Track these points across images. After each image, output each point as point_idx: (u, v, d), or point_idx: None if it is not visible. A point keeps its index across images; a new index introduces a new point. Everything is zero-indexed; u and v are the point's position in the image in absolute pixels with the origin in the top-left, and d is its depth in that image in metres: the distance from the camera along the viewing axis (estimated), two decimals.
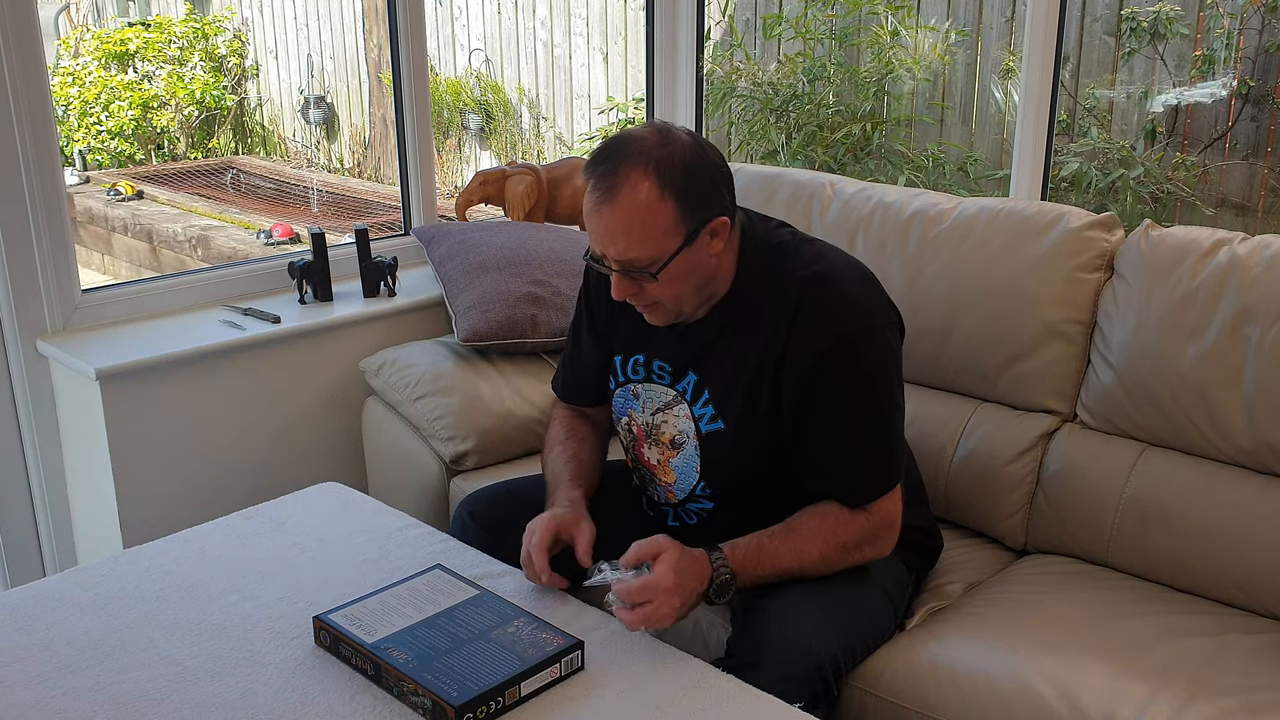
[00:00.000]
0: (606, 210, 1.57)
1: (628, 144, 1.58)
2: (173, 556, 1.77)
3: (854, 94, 4.51)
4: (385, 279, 2.72)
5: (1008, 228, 2.14)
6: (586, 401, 1.93)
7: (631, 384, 1.81)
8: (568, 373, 1.96)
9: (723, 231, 1.63)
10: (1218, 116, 4.08)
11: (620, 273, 1.62)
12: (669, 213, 1.56)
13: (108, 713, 1.40)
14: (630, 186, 1.55)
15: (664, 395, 1.77)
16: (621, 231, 1.57)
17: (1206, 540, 1.88)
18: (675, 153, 1.57)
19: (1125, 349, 1.99)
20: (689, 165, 1.57)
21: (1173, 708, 1.56)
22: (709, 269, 1.65)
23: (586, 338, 1.90)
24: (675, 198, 1.56)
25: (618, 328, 1.84)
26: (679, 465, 1.78)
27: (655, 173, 1.55)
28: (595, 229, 1.60)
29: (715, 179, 1.62)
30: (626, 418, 1.83)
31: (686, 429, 1.75)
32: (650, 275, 1.60)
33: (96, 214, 6.54)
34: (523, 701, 1.41)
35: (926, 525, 1.95)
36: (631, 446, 1.85)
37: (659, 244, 1.58)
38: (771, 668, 1.54)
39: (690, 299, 1.67)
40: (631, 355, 1.80)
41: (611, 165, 1.57)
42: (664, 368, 1.77)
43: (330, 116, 7.18)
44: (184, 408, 2.42)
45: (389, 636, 1.48)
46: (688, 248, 1.59)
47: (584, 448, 1.88)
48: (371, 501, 1.98)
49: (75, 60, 7.12)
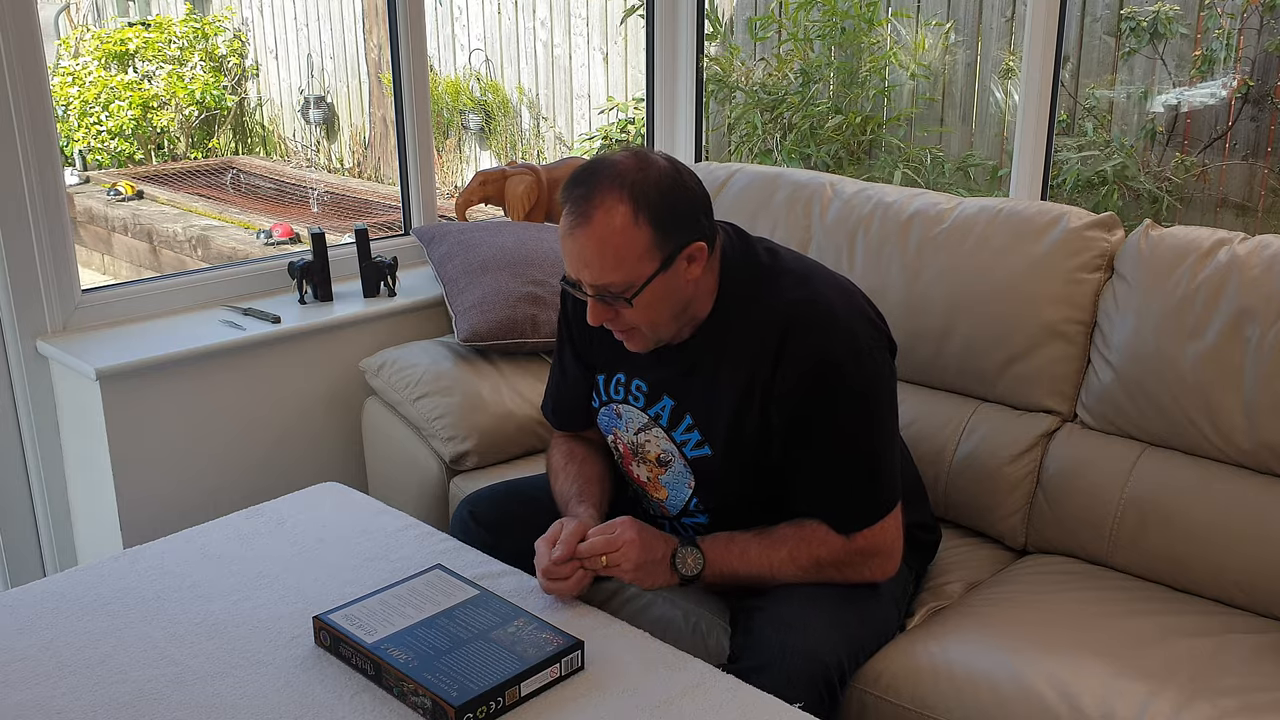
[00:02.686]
0: (581, 234, 1.56)
1: (603, 169, 1.57)
2: (173, 556, 1.77)
3: (850, 93, 4.52)
4: (385, 279, 2.72)
5: (1008, 228, 2.14)
6: (579, 426, 1.92)
7: (613, 403, 1.80)
8: (556, 400, 1.94)
9: (700, 256, 1.62)
10: (1218, 116, 4.08)
11: (595, 298, 1.61)
12: (644, 238, 1.55)
13: (108, 713, 1.40)
14: (605, 211, 1.54)
15: (641, 417, 1.77)
16: (596, 256, 1.56)
17: (1206, 540, 1.88)
18: (650, 177, 1.56)
19: (1125, 349, 1.99)
20: (664, 190, 1.56)
21: (1173, 708, 1.56)
22: (686, 294, 1.64)
23: (570, 361, 1.89)
24: (651, 223, 1.55)
25: (598, 348, 1.82)
26: (669, 481, 1.78)
27: (630, 197, 1.54)
28: (570, 253, 1.59)
29: (692, 203, 1.60)
30: (612, 436, 1.83)
31: (670, 449, 1.75)
32: (625, 301, 1.59)
33: (96, 214, 6.54)
34: (523, 701, 1.41)
35: (926, 521, 1.95)
36: (621, 464, 1.85)
37: (634, 269, 1.56)
38: (777, 673, 1.54)
39: (667, 325, 1.66)
40: (614, 374, 1.80)
41: (586, 189, 1.56)
42: (640, 388, 1.76)
43: (330, 116, 7.18)
44: (184, 408, 2.42)
45: (389, 636, 1.48)
46: (663, 273, 1.58)
47: (586, 466, 1.87)
48: (371, 501, 1.98)
49: (75, 60, 7.12)
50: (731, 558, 1.67)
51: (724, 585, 1.71)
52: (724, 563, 1.67)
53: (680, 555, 1.65)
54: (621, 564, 1.62)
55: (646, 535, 1.65)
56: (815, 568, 1.67)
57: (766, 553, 1.67)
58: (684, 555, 1.65)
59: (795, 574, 1.66)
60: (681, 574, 1.66)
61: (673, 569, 1.65)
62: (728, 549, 1.67)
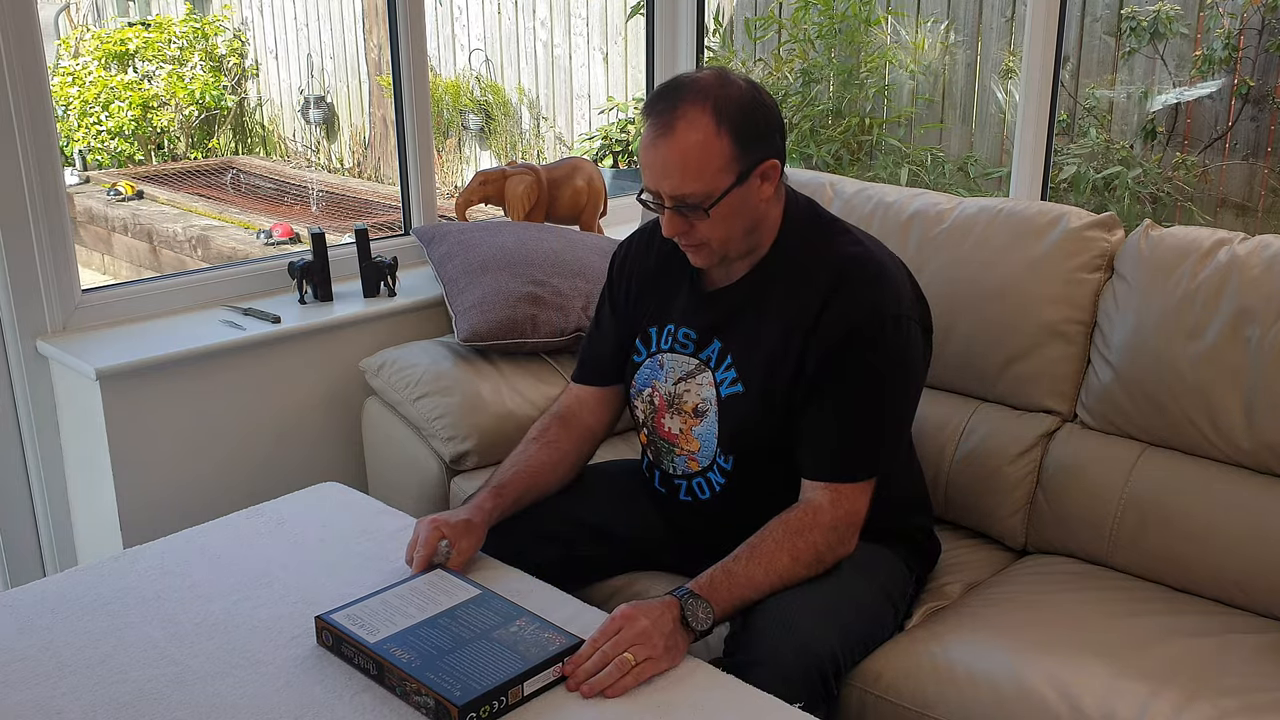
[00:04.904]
0: (664, 144, 1.60)
1: (686, 83, 1.63)
2: (173, 556, 1.77)
3: (850, 94, 4.52)
4: (385, 279, 2.72)
5: (1008, 228, 2.14)
6: (598, 380, 1.94)
7: (661, 354, 1.82)
8: (584, 352, 1.98)
9: (774, 175, 1.67)
10: (1218, 116, 4.08)
11: (673, 209, 1.64)
12: (724, 149, 1.60)
13: (108, 713, 1.40)
14: (688, 122, 1.59)
15: (687, 364, 1.79)
16: (678, 166, 1.61)
17: (1206, 540, 1.88)
18: (732, 93, 1.61)
19: (1125, 349, 1.99)
20: (744, 106, 1.62)
21: (1173, 708, 1.56)
22: (758, 213, 1.68)
23: (607, 317, 1.93)
24: (731, 135, 1.60)
25: (643, 303, 1.86)
26: (701, 433, 1.79)
27: (713, 110, 1.59)
28: (651, 164, 1.63)
29: (770, 122, 1.66)
30: (650, 389, 1.84)
31: (709, 396, 1.77)
32: (703, 211, 1.62)
33: (96, 214, 6.54)
34: (525, 701, 1.41)
35: (928, 526, 1.96)
36: (650, 419, 1.85)
37: (713, 180, 1.61)
38: (771, 666, 1.54)
39: (738, 241, 1.70)
40: (665, 325, 1.83)
41: (670, 103, 1.61)
42: (689, 335, 1.79)
43: (330, 116, 7.19)
44: (184, 408, 2.42)
45: (392, 636, 1.48)
46: (740, 186, 1.63)
47: (545, 451, 1.87)
48: (371, 501, 1.98)
49: (75, 60, 7.12)
50: (736, 589, 1.60)
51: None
52: (729, 599, 1.60)
53: (689, 610, 1.54)
54: (650, 655, 1.46)
55: (653, 612, 1.50)
56: (817, 560, 1.66)
57: (768, 566, 1.62)
58: (692, 609, 1.54)
59: (804, 574, 1.65)
60: (698, 631, 1.54)
61: (687, 629, 1.53)
62: (729, 584, 1.60)
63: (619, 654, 1.44)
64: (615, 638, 1.46)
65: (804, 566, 1.65)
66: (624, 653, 1.44)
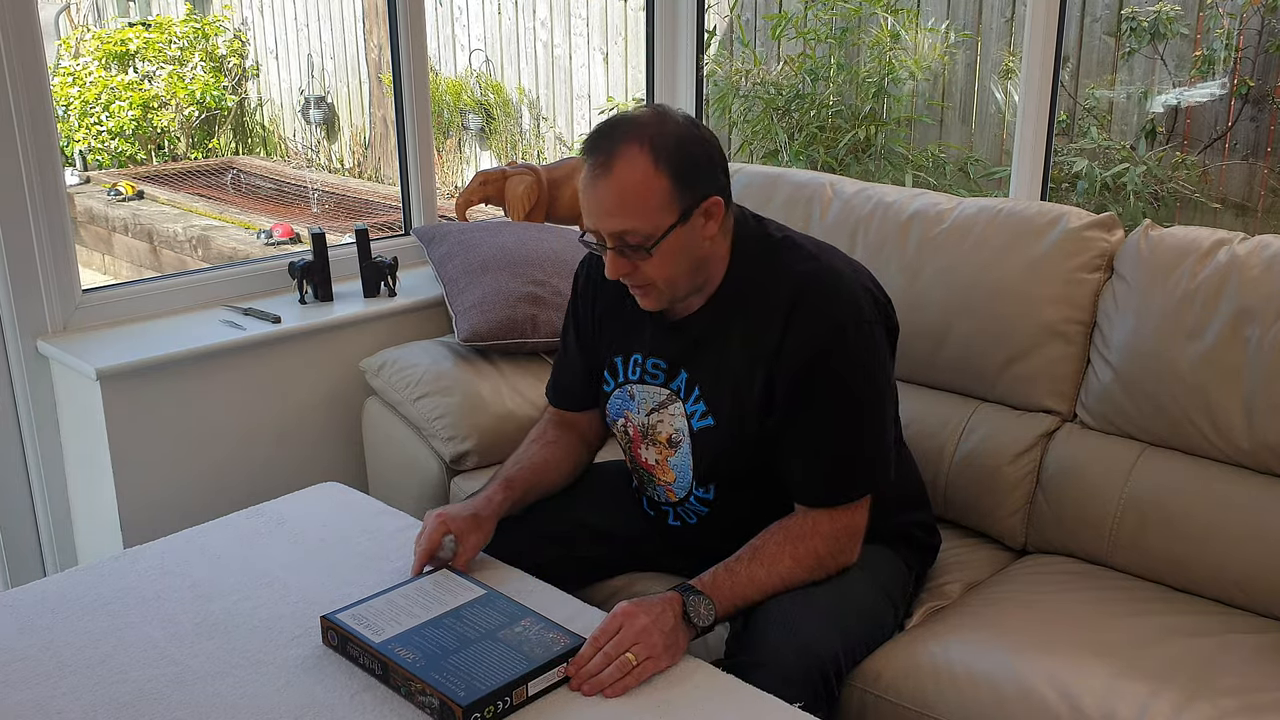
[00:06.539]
0: (602, 184, 1.59)
1: (623, 122, 1.61)
2: (173, 556, 1.77)
3: (854, 94, 4.52)
4: (385, 279, 2.72)
5: (1008, 228, 2.14)
6: (571, 405, 1.93)
7: (629, 384, 1.80)
8: (555, 377, 1.97)
9: (716, 213, 1.64)
10: (1218, 116, 4.08)
11: (615, 250, 1.62)
12: (664, 187, 1.57)
13: (108, 713, 1.40)
14: (626, 161, 1.57)
15: (658, 395, 1.77)
16: (617, 205, 1.59)
17: (1206, 540, 1.88)
18: (669, 130, 1.59)
19: (1125, 349, 1.99)
20: (683, 142, 1.60)
21: (1173, 708, 1.56)
22: (702, 251, 1.65)
23: (573, 344, 1.91)
24: (670, 174, 1.57)
25: (608, 330, 1.83)
26: (677, 464, 1.77)
27: (650, 148, 1.57)
28: (590, 203, 1.61)
29: (710, 158, 1.63)
30: (623, 419, 1.83)
31: (681, 427, 1.75)
32: (645, 251, 1.60)
33: (97, 214, 6.54)
34: (530, 701, 1.41)
35: (927, 522, 1.95)
36: (629, 448, 1.85)
37: (654, 219, 1.59)
38: (772, 667, 1.54)
39: (684, 281, 1.67)
40: (630, 355, 1.80)
41: (608, 141, 1.59)
42: (658, 365, 1.77)
43: (330, 116, 7.19)
44: (184, 408, 2.42)
45: (396, 636, 1.48)
46: (682, 225, 1.60)
47: (546, 450, 1.88)
48: (372, 501, 1.98)
49: (75, 60, 7.12)
50: (738, 587, 1.61)
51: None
52: (731, 597, 1.60)
53: (691, 606, 1.54)
54: (650, 654, 1.46)
55: (653, 610, 1.51)
56: (818, 565, 1.66)
57: (770, 568, 1.63)
58: (694, 605, 1.55)
59: (805, 577, 1.65)
60: (699, 626, 1.55)
61: (689, 624, 1.54)
62: (731, 581, 1.61)
63: (620, 654, 1.45)
64: (616, 637, 1.46)
65: (805, 570, 1.65)
66: (625, 653, 1.45)
